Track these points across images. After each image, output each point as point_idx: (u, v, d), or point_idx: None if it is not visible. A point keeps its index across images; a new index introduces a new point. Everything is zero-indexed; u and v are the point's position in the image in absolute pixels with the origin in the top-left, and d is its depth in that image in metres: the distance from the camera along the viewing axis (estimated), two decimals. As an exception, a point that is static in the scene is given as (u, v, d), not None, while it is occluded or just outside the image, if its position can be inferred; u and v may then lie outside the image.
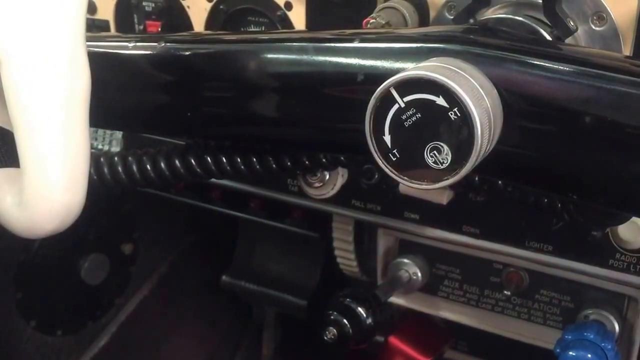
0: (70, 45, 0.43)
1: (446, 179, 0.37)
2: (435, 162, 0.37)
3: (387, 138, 0.37)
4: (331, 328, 0.82)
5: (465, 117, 0.35)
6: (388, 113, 0.37)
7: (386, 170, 0.38)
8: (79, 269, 0.77)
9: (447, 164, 0.36)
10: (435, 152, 0.36)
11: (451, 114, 0.35)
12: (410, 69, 0.36)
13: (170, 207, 0.90)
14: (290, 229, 0.88)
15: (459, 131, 0.35)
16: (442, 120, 0.35)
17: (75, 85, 0.43)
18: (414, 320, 0.82)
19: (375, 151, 0.38)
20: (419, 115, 0.36)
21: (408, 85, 0.36)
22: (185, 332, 0.83)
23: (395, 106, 0.36)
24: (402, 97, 0.36)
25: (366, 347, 0.82)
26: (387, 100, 0.37)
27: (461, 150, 0.36)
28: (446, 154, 0.36)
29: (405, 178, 0.38)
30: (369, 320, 0.81)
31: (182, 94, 0.49)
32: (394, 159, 0.38)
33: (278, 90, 0.46)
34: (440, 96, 0.35)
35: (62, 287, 0.74)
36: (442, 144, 0.36)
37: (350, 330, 0.82)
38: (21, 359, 0.71)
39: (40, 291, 0.72)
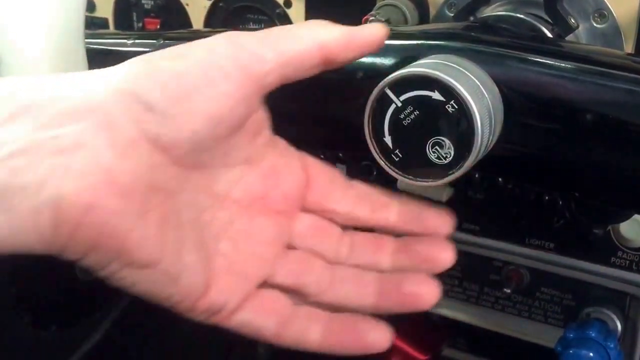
0: (70, 43, 0.43)
1: (451, 174, 0.36)
2: (438, 158, 0.36)
3: (388, 139, 0.37)
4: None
5: (463, 108, 0.35)
6: (386, 114, 0.37)
7: (390, 171, 0.38)
8: (73, 265, 0.77)
9: (450, 158, 0.36)
10: (437, 147, 0.36)
11: (448, 107, 0.35)
12: (404, 68, 0.36)
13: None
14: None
15: (458, 123, 0.35)
16: (441, 114, 0.35)
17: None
18: (412, 318, 0.82)
19: (377, 153, 0.38)
20: (417, 112, 0.36)
21: (402, 84, 0.36)
22: (179, 329, 0.83)
23: (393, 106, 0.36)
24: (398, 96, 0.36)
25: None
26: (383, 101, 0.36)
27: (463, 142, 0.35)
28: (448, 148, 0.36)
29: (410, 177, 0.38)
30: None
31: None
32: (396, 159, 0.38)
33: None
34: (436, 90, 0.35)
35: (56, 283, 0.74)
36: (443, 138, 0.36)
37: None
38: (15, 354, 0.71)
39: (35, 287, 0.72)
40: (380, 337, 0.37)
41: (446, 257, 0.38)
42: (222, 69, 0.32)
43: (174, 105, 0.31)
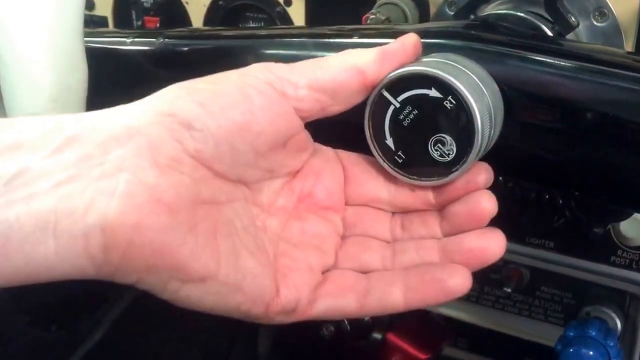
0: (69, 41, 0.42)
1: (455, 170, 0.36)
2: (441, 155, 0.36)
3: (390, 141, 0.37)
4: (328, 324, 0.82)
5: (461, 103, 0.35)
6: (385, 116, 0.37)
7: (393, 173, 0.38)
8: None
9: (453, 155, 0.36)
10: (439, 145, 0.36)
11: (446, 103, 0.35)
12: (399, 68, 0.36)
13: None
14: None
15: (458, 118, 0.35)
16: (440, 111, 0.35)
17: (72, 80, 0.43)
18: (412, 317, 0.82)
19: (380, 156, 0.38)
20: (415, 111, 0.36)
21: (398, 84, 0.36)
22: (179, 328, 0.83)
23: (391, 107, 0.36)
24: (395, 97, 0.36)
25: (364, 343, 0.82)
26: (381, 104, 0.36)
27: (464, 137, 0.35)
28: (450, 144, 0.36)
29: (415, 177, 0.38)
30: (367, 317, 0.80)
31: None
32: (400, 161, 0.37)
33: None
34: (432, 88, 0.35)
35: (56, 283, 0.74)
36: (444, 135, 0.36)
37: (348, 327, 0.82)
38: (15, 354, 0.71)
39: (35, 286, 0.72)
40: (462, 280, 0.35)
41: (487, 205, 0.37)
42: (258, 89, 0.34)
43: (212, 120, 0.32)
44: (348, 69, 0.35)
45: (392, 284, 0.36)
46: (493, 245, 0.36)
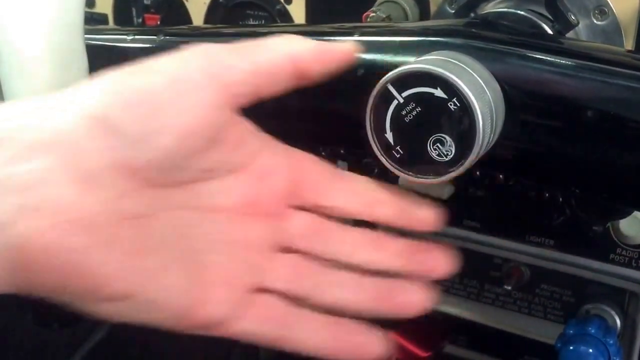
0: (69, 38, 0.43)
1: (452, 171, 0.36)
2: (439, 155, 0.36)
3: (389, 135, 0.37)
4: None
5: (465, 106, 0.35)
6: (388, 110, 0.37)
7: (390, 167, 0.38)
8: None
9: (451, 156, 0.36)
10: (438, 144, 0.36)
11: (450, 104, 0.35)
12: (406, 64, 0.36)
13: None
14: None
15: (460, 121, 0.35)
16: (443, 111, 0.35)
17: (72, 78, 0.43)
18: (413, 315, 0.82)
19: (378, 149, 0.38)
20: (419, 109, 0.36)
21: (405, 80, 0.36)
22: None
23: (395, 102, 0.36)
24: (400, 92, 0.36)
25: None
26: (385, 97, 0.36)
27: (464, 140, 0.35)
28: (450, 146, 0.36)
29: (411, 173, 0.38)
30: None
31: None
32: (397, 156, 0.38)
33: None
34: (438, 88, 0.35)
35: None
36: (444, 135, 0.36)
37: (350, 325, 0.82)
38: (17, 352, 0.71)
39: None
40: (379, 344, 0.37)
41: (445, 266, 0.40)
42: (191, 81, 0.32)
43: (145, 125, 0.31)
44: (288, 54, 0.35)
45: (315, 327, 0.36)
46: (420, 302, 0.40)
